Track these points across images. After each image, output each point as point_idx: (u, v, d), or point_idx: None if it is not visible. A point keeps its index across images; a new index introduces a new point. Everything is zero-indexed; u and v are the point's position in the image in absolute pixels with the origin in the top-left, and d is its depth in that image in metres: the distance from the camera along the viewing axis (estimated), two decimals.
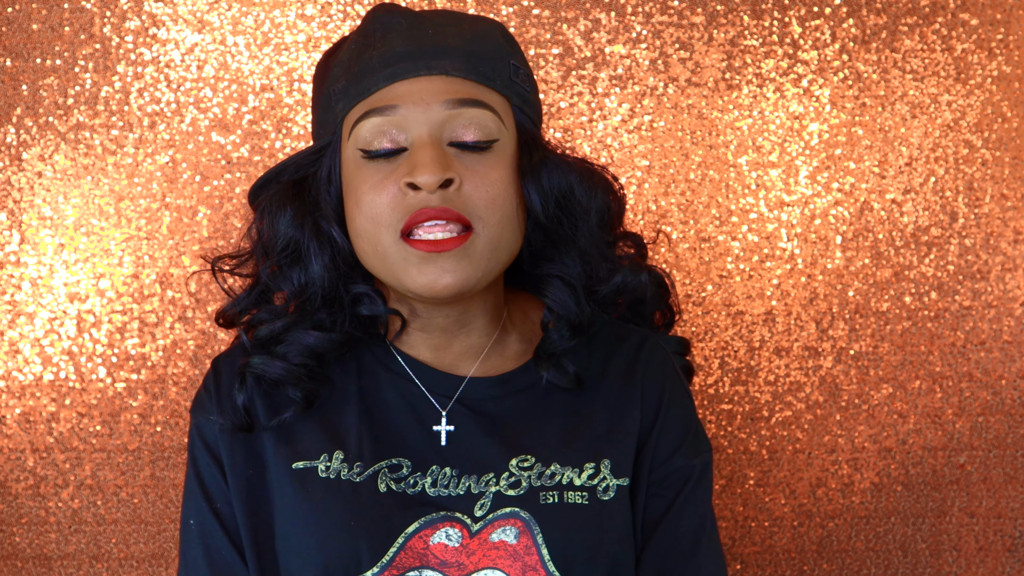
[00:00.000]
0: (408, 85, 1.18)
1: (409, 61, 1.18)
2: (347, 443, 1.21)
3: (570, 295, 1.24)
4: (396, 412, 1.24)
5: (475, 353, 1.26)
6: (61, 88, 1.63)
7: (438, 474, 1.21)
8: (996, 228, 1.71)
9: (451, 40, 1.20)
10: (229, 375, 1.26)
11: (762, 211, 1.69)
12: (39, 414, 1.65)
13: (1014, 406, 1.73)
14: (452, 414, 1.24)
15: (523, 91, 1.24)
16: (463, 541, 1.18)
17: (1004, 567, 1.74)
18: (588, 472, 1.22)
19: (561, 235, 1.24)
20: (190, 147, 1.64)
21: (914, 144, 1.70)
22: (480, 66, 1.20)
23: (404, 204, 1.16)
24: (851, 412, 1.72)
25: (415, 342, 1.26)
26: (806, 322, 1.71)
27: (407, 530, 1.17)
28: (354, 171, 1.19)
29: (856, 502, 1.73)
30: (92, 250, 1.64)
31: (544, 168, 1.22)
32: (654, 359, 1.30)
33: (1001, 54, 1.69)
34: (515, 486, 1.20)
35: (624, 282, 1.29)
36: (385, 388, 1.25)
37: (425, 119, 1.17)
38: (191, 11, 1.63)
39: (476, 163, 1.17)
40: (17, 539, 1.67)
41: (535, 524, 1.18)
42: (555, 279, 1.25)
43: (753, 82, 1.68)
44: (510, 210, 1.19)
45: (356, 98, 1.20)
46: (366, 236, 1.18)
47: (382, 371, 1.26)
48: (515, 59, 1.24)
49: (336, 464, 1.21)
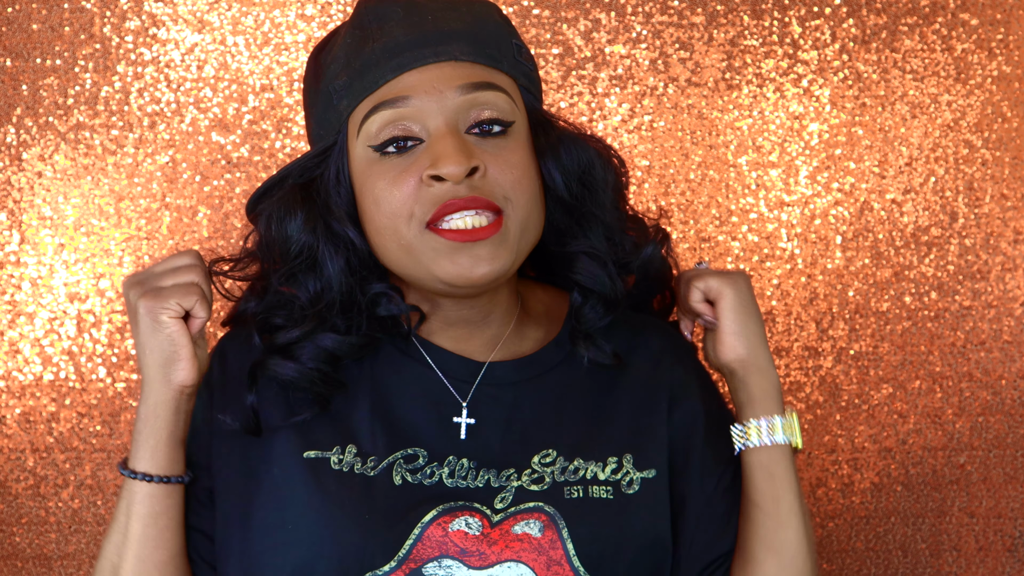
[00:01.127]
0: (417, 74, 1.14)
1: (415, 49, 1.15)
2: (360, 437, 1.19)
3: (601, 268, 1.22)
4: (413, 402, 1.21)
5: (494, 342, 1.24)
6: (61, 88, 1.63)
7: (455, 465, 1.18)
8: (996, 228, 1.71)
9: (453, 24, 1.17)
10: (237, 363, 1.23)
11: (762, 211, 1.69)
12: (39, 414, 1.65)
13: (1014, 406, 1.73)
14: (473, 403, 1.21)
15: (527, 70, 1.22)
16: (484, 530, 1.15)
17: (1004, 567, 1.74)
18: (611, 466, 1.20)
19: (585, 211, 1.22)
20: (190, 147, 1.64)
21: (914, 144, 1.70)
22: (486, 48, 1.17)
23: (428, 195, 1.12)
24: (851, 412, 1.72)
25: (436, 333, 1.24)
26: (806, 322, 1.71)
27: (424, 519, 1.14)
28: (366, 169, 1.16)
29: (856, 502, 1.73)
30: (92, 250, 1.64)
31: (562, 146, 1.20)
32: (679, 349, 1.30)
33: (1001, 54, 1.69)
34: (538, 482, 1.18)
35: (653, 254, 1.28)
36: (403, 376, 1.22)
37: (440, 108, 1.13)
38: (191, 11, 1.63)
39: (496, 147, 1.15)
40: (17, 539, 1.67)
41: (560, 518, 1.16)
42: (583, 256, 1.23)
43: (753, 82, 1.68)
44: (534, 190, 1.17)
45: (362, 93, 1.16)
46: (388, 232, 1.15)
47: (400, 358, 1.23)
48: (515, 38, 1.22)
49: (349, 458, 1.18)
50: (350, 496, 1.16)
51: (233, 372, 1.23)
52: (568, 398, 1.24)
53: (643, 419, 1.24)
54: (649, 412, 1.25)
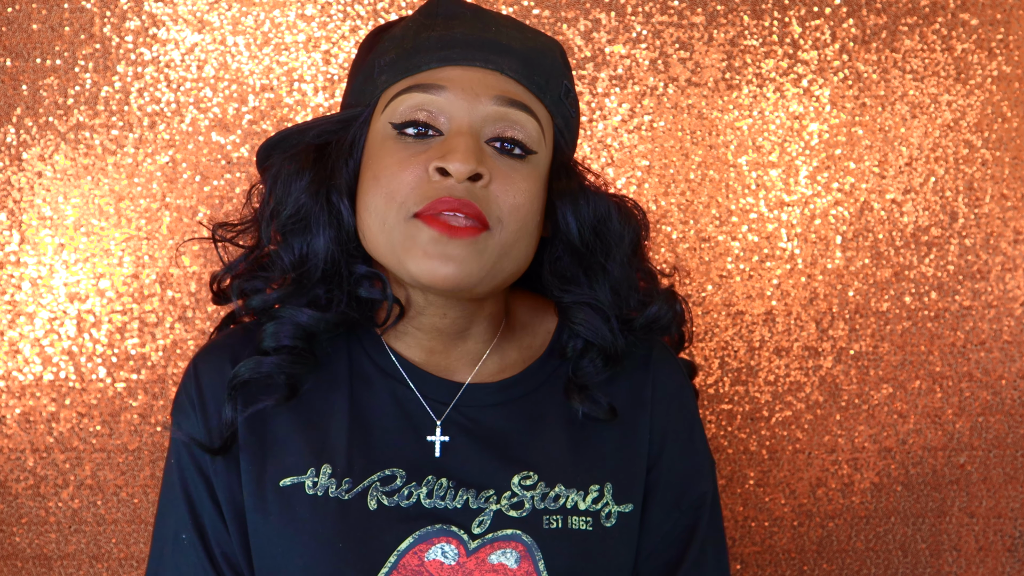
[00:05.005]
0: (460, 71, 1.14)
1: (468, 49, 1.14)
2: (335, 456, 1.16)
3: (603, 322, 1.20)
4: (389, 419, 1.19)
5: (472, 360, 1.22)
6: (61, 88, 1.63)
7: (434, 484, 1.16)
8: (996, 228, 1.71)
9: (513, 42, 1.16)
10: (211, 380, 1.20)
11: (762, 211, 1.69)
12: (39, 414, 1.65)
13: (1014, 406, 1.73)
14: (448, 423, 1.19)
15: (568, 115, 1.20)
16: (459, 560, 1.14)
17: (1004, 567, 1.74)
18: (592, 495, 1.18)
19: (594, 262, 1.20)
20: (190, 147, 1.64)
21: (914, 144, 1.70)
22: (536, 75, 1.16)
23: (427, 187, 1.10)
24: (851, 412, 1.72)
25: (411, 343, 1.21)
26: (806, 322, 1.71)
27: (400, 547, 1.13)
28: (380, 144, 1.14)
29: (856, 502, 1.73)
30: (92, 250, 1.64)
31: (581, 193, 1.18)
32: (662, 374, 1.26)
33: (1001, 54, 1.69)
34: (517, 507, 1.16)
35: (659, 313, 1.25)
36: (378, 392, 1.20)
37: (470, 108, 1.12)
38: (191, 11, 1.63)
39: (510, 167, 1.13)
40: (17, 539, 1.67)
41: (537, 550, 1.14)
42: (585, 307, 1.20)
43: (753, 82, 1.68)
44: (531, 224, 1.14)
45: (403, 73, 1.15)
46: (376, 212, 1.13)
47: (375, 373, 1.21)
48: (568, 81, 1.21)
49: (324, 480, 1.16)
50: (324, 524, 1.14)
51: (209, 389, 1.20)
52: (549, 420, 1.21)
53: (625, 448, 1.22)
54: (631, 441, 1.22)
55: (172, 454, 1.21)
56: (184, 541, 1.18)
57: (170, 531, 1.19)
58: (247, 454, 1.17)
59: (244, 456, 1.17)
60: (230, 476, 1.18)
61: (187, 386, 1.21)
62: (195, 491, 1.19)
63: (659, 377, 1.26)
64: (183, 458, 1.19)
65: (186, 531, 1.18)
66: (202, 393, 1.20)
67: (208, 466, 1.18)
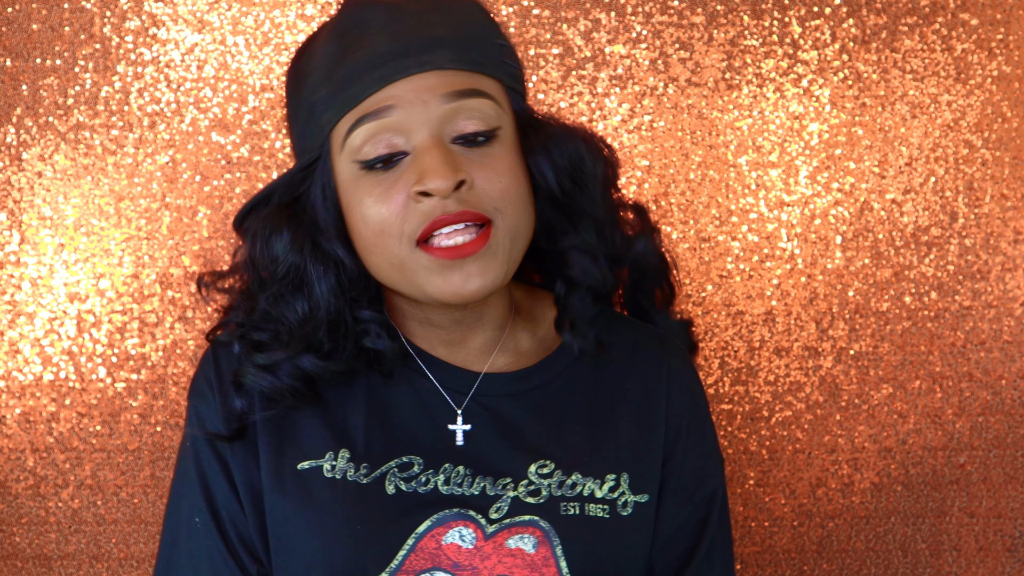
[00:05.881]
0: (401, 85, 1.12)
1: (398, 59, 1.12)
2: (354, 441, 1.17)
3: (592, 263, 1.21)
4: (408, 408, 1.20)
5: (488, 348, 1.23)
6: (61, 88, 1.63)
7: (451, 472, 1.16)
8: (996, 228, 1.71)
9: (437, 29, 1.14)
10: (231, 364, 1.20)
11: (762, 211, 1.69)
12: (39, 414, 1.65)
13: (1014, 406, 1.73)
14: (468, 412, 1.20)
15: (512, 70, 1.20)
16: (477, 543, 1.14)
17: (1004, 567, 1.74)
18: (609, 484, 1.19)
19: (575, 207, 1.21)
20: (190, 147, 1.64)
21: (914, 144, 1.70)
22: (471, 52, 1.14)
23: (417, 212, 1.10)
24: (851, 412, 1.72)
25: (429, 336, 1.22)
26: (806, 322, 1.71)
27: (418, 530, 1.13)
28: (352, 184, 1.13)
29: (856, 502, 1.73)
30: (92, 250, 1.64)
31: (551, 143, 1.19)
32: (677, 371, 1.27)
33: (1001, 54, 1.69)
34: (535, 494, 1.16)
35: (646, 248, 1.27)
36: (396, 383, 1.21)
37: (425, 118, 1.11)
38: (191, 11, 1.63)
39: (483, 156, 1.13)
40: (17, 539, 1.67)
41: (555, 535, 1.15)
42: (573, 250, 1.21)
43: (753, 82, 1.68)
44: (523, 195, 1.15)
45: (345, 107, 1.13)
46: (378, 250, 1.13)
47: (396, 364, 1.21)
48: (500, 38, 1.19)
49: (342, 463, 1.16)
50: (343, 506, 1.14)
51: (227, 373, 1.21)
52: (567, 409, 1.22)
53: (642, 438, 1.23)
54: (648, 432, 1.23)
55: (188, 437, 1.21)
56: (198, 525, 1.18)
57: (184, 516, 1.19)
58: (265, 437, 1.18)
59: (262, 439, 1.18)
60: (247, 458, 1.18)
61: (205, 369, 1.22)
62: (211, 474, 1.19)
63: (674, 373, 1.27)
64: (199, 441, 1.20)
65: (200, 515, 1.18)
66: (221, 376, 1.20)
67: (225, 448, 1.19)
